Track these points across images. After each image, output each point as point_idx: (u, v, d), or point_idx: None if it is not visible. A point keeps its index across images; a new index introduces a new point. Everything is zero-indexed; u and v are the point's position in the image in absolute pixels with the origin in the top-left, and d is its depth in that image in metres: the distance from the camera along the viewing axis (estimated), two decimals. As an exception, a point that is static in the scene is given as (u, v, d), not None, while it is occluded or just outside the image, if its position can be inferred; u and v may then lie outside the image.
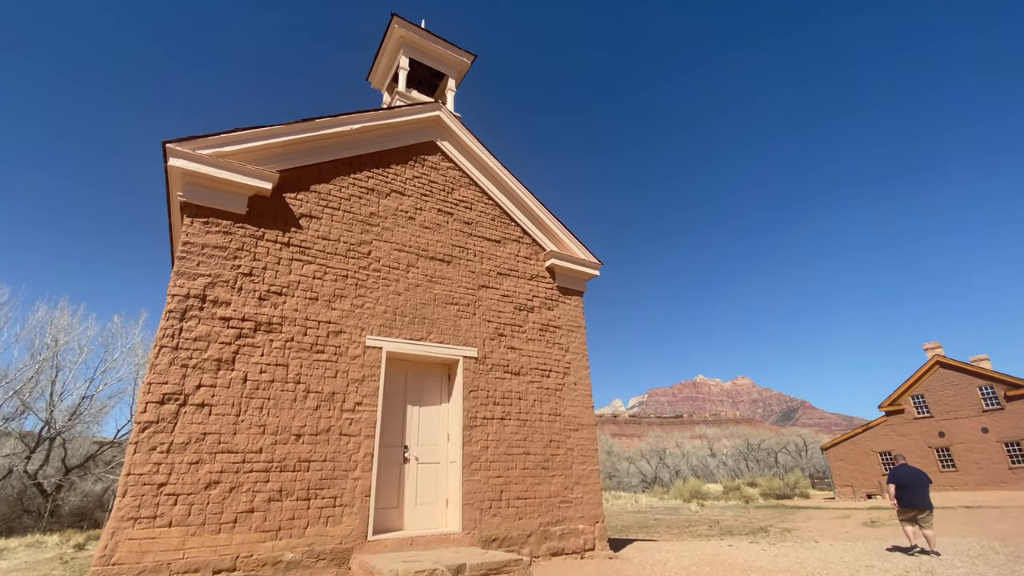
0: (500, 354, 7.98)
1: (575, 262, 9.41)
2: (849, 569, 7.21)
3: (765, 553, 8.69)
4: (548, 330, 8.75)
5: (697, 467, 60.87)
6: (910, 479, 9.13)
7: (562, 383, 8.52)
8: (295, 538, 5.48)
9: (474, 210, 8.75)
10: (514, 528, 7.07)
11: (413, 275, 7.56)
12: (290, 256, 6.64)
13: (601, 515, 8.13)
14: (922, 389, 31.20)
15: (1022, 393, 27.26)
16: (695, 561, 7.83)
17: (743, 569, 7.29)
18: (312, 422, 6.04)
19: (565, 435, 8.18)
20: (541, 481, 7.61)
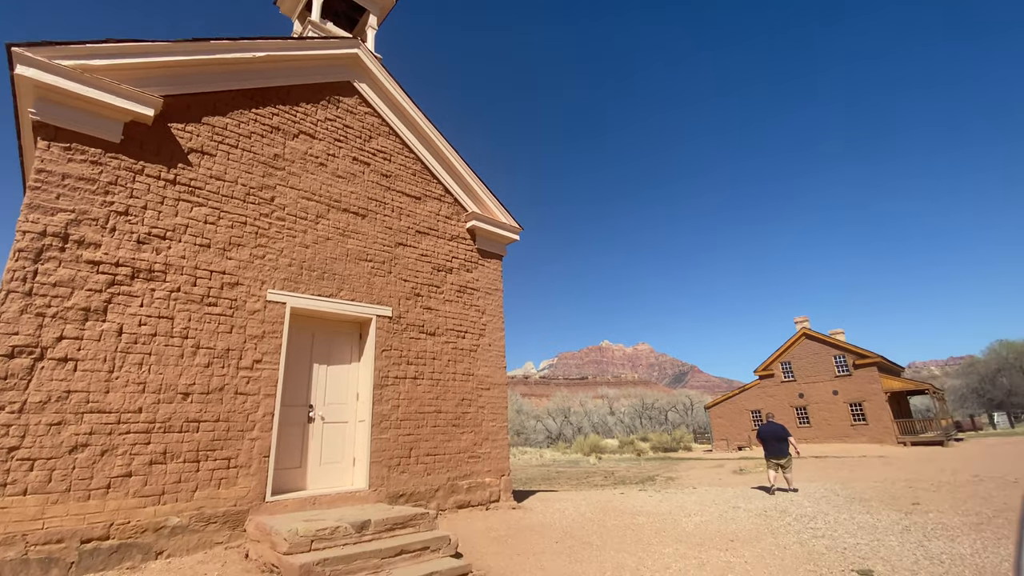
0: (416, 314, 7.82)
1: (497, 225, 9.36)
2: (720, 509, 8.22)
3: (651, 499, 9.65)
4: (466, 292, 8.70)
5: (598, 424, 65.64)
6: (774, 434, 10.82)
7: (477, 344, 8.59)
8: (182, 502, 5.10)
9: (393, 162, 8.30)
10: (422, 484, 7.15)
11: (323, 227, 7.07)
12: (176, 196, 5.88)
13: (507, 469, 8.47)
14: (790, 357, 35.78)
15: (866, 362, 32.27)
16: (591, 508, 8.50)
17: (632, 513, 8.04)
18: (203, 380, 5.55)
19: (477, 394, 8.32)
20: (451, 438, 7.73)
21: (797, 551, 5.52)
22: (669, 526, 7.00)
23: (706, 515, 7.76)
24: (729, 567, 5.01)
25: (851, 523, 6.84)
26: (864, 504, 8.36)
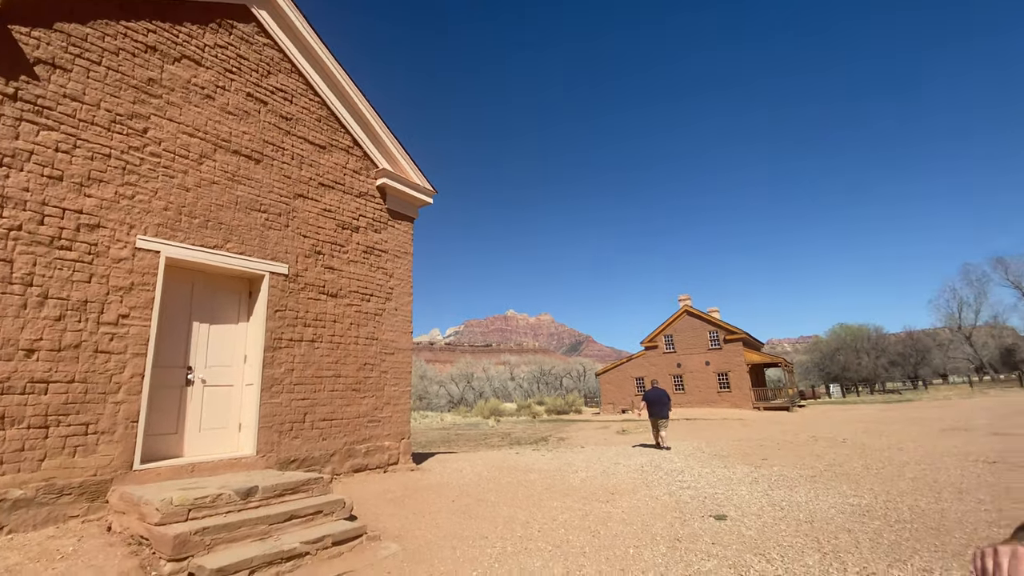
0: (316, 273, 7.37)
1: (409, 186, 9.01)
2: (603, 466, 8.99)
3: (543, 458, 10.27)
4: (373, 253, 8.35)
5: (499, 389, 67.85)
6: (656, 397, 12.19)
7: (383, 308, 8.34)
8: (26, 472, 4.44)
9: (295, 104, 7.57)
10: (317, 448, 6.92)
11: (209, 169, 6.31)
12: (17, 114, 4.87)
13: (407, 432, 8.48)
14: (672, 331, 39.46)
15: (734, 338, 36.59)
16: (487, 467, 8.84)
17: (525, 471, 8.51)
18: (53, 335, 4.79)
19: (381, 358, 8.14)
20: (351, 402, 7.52)
21: (667, 501, 6.24)
22: (558, 482, 7.52)
23: (591, 471, 8.45)
24: (609, 516, 5.53)
25: (712, 476, 7.85)
26: (723, 460, 9.63)
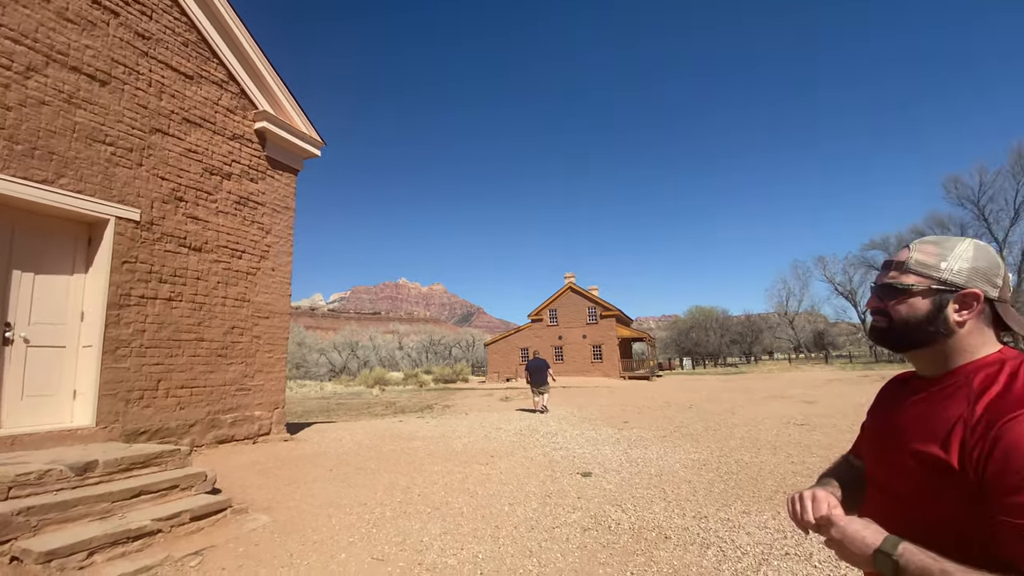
0: (177, 223, 6.49)
1: (294, 133, 8.24)
2: (485, 431, 9.36)
3: (427, 425, 10.39)
4: (248, 205, 7.56)
5: (385, 358, 66.36)
6: (536, 367, 13.28)
7: (257, 267, 7.64)
8: None
9: (157, 21, 6.44)
10: (173, 419, 6.24)
11: (37, 86, 5.17)
12: None
13: (281, 401, 8.00)
14: (556, 305, 41.71)
15: (609, 314, 39.77)
16: (368, 435, 8.72)
17: (408, 438, 8.55)
18: None
19: (253, 322, 7.49)
20: (216, 369, 6.86)
21: (541, 461, 6.72)
22: (441, 448, 7.69)
23: (473, 437, 8.76)
24: (487, 478, 5.82)
25: (581, 438, 8.60)
26: (592, 423, 10.57)
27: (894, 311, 0.93)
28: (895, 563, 0.76)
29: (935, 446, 0.83)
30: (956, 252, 0.90)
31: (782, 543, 3.63)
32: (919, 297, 0.91)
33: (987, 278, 0.88)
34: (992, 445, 0.74)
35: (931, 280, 0.90)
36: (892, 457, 0.93)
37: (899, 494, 0.89)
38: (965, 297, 0.88)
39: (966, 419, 0.80)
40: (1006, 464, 0.72)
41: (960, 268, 0.89)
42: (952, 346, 0.89)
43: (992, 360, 0.86)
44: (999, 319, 0.89)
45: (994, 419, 0.76)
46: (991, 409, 0.78)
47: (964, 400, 0.83)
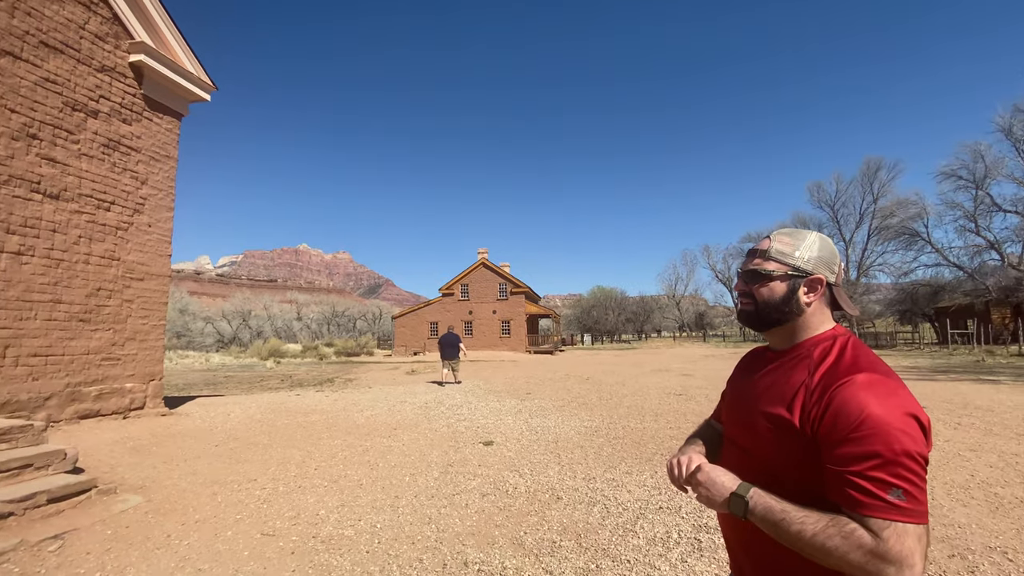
0: (28, 164, 5.50)
1: (178, 72, 7.28)
2: (389, 404, 9.26)
3: (327, 399, 10.03)
4: (119, 150, 6.59)
5: (281, 329, 62.23)
6: (448, 341, 13.47)
7: (130, 222, 6.75)
8: None
9: (-8, -85, 5.28)
10: (24, 391, 5.41)
11: None
12: None
13: (158, 373, 7.26)
14: (468, 280, 41.79)
15: (519, 291, 40.71)
16: (261, 410, 8.23)
17: (305, 412, 8.20)
18: None
19: (124, 284, 6.65)
20: (78, 336, 6.02)
21: (445, 432, 6.83)
22: (341, 421, 7.49)
23: (377, 410, 8.63)
24: (389, 450, 5.81)
25: (486, 409, 8.84)
26: (496, 395, 10.89)
27: (758, 293, 1.06)
28: (746, 503, 0.90)
29: (782, 408, 0.96)
30: (806, 243, 1.05)
31: (657, 499, 4.09)
32: (778, 281, 1.04)
33: (828, 266, 1.04)
34: (825, 407, 0.88)
35: (787, 267, 1.04)
36: (747, 418, 1.06)
37: (751, 450, 1.03)
38: (812, 282, 1.03)
39: (807, 385, 0.94)
40: (835, 422, 0.86)
41: (809, 257, 1.04)
42: (800, 324, 1.05)
43: (828, 336, 1.02)
44: (834, 301, 1.07)
45: (827, 385, 0.91)
46: (825, 377, 0.92)
47: (806, 369, 0.97)
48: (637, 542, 3.26)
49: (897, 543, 0.78)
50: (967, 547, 3.07)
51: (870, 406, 0.84)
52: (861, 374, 0.89)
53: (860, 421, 0.83)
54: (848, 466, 0.83)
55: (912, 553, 0.78)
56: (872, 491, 0.81)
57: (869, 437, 0.82)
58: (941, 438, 5.93)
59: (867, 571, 0.79)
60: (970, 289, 30.34)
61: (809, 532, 0.83)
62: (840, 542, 0.80)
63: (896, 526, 0.79)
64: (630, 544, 3.23)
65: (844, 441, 0.84)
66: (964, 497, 3.96)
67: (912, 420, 0.84)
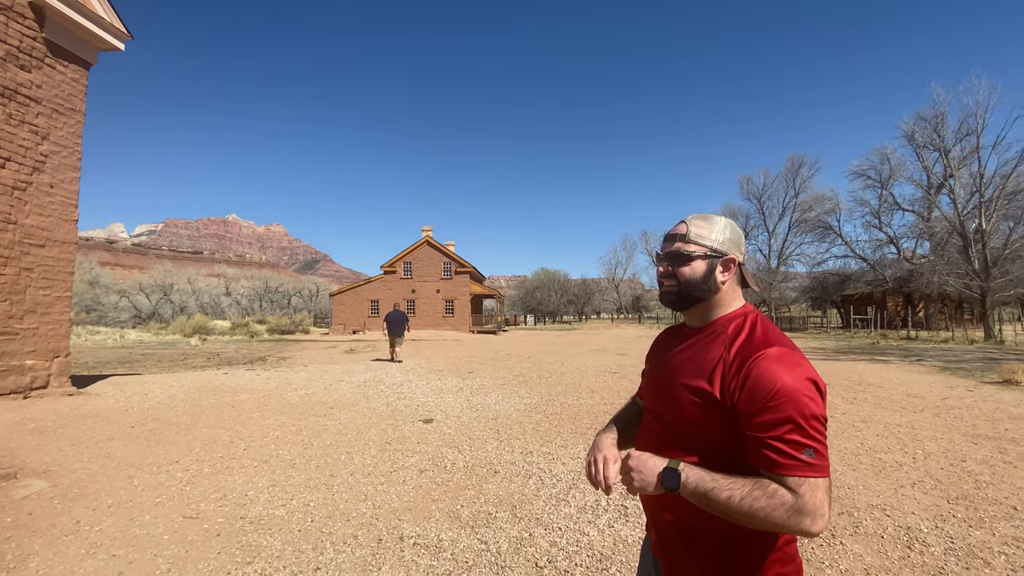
0: None
1: (87, 16, 6.50)
2: (325, 383, 9.01)
3: (258, 377, 9.59)
4: (15, 99, 5.84)
5: (208, 305, 58.36)
6: (395, 319, 13.83)
7: (28, 181, 6.03)
8: None
9: None
10: None
11: None
12: None
13: (64, 349, 6.64)
14: (412, 258, 40.99)
15: (463, 271, 40.48)
16: (184, 389, 7.75)
17: (234, 391, 7.82)
18: None
19: (21, 251, 5.97)
20: (-41, 307, 5.36)
21: (383, 410, 6.76)
22: (273, 401, 7.22)
23: (312, 389, 8.38)
24: (325, 429, 5.68)
25: (427, 388, 8.82)
26: (438, 374, 10.88)
27: (680, 273, 1.12)
28: (679, 475, 0.96)
29: (702, 380, 1.02)
30: (719, 227, 1.14)
31: (589, 470, 4.30)
32: (698, 261, 1.11)
33: (738, 246, 1.14)
34: (744, 379, 0.96)
35: (705, 248, 1.11)
36: (667, 391, 1.11)
37: (671, 420, 1.09)
38: (727, 261, 1.12)
39: (724, 359, 1.01)
40: (753, 393, 0.93)
41: (723, 239, 1.12)
42: (716, 301, 1.12)
43: (739, 313, 1.11)
44: (743, 279, 1.16)
45: (744, 359, 0.98)
46: (741, 351, 1.00)
47: (722, 344, 1.04)
48: (569, 511, 3.42)
49: (812, 497, 0.88)
50: (854, 506, 3.48)
51: (783, 377, 0.93)
52: (772, 348, 0.98)
53: (775, 391, 0.92)
54: (767, 432, 0.91)
55: (822, 504, 0.88)
56: (789, 452, 0.90)
57: (783, 405, 0.91)
58: (839, 411, 6.62)
59: (787, 526, 0.89)
60: (871, 279, 33.60)
61: (737, 497, 0.90)
62: (766, 502, 0.88)
63: (810, 481, 0.89)
64: (562, 513, 3.39)
65: (762, 410, 0.92)
66: (854, 462, 4.47)
67: (814, 387, 0.94)
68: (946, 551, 2.80)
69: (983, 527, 3.10)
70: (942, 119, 24.76)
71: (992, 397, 7.48)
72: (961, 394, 7.80)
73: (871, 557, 2.76)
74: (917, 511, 3.35)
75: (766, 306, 41.28)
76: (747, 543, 0.99)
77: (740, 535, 0.98)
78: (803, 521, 0.87)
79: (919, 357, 14.15)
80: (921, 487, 3.81)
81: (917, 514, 3.30)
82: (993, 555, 2.74)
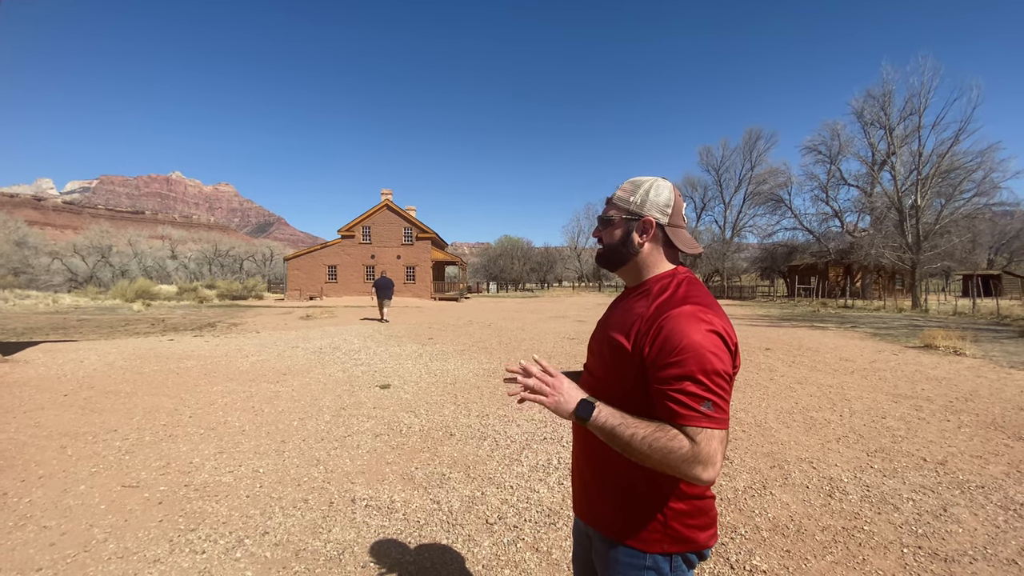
0: None
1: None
2: (279, 350, 8.77)
3: (207, 344, 9.23)
4: None
5: (152, 268, 55.22)
6: (383, 284, 16.27)
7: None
8: None
9: None
10: None
11: None
12: None
13: (-15, 314, 6.12)
14: (371, 223, 39.85)
15: (425, 236, 39.78)
16: (124, 356, 7.38)
17: (180, 358, 7.50)
18: None
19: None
20: None
21: (340, 377, 6.66)
22: (222, 367, 6.98)
23: (264, 355, 8.14)
24: (277, 395, 5.55)
25: (385, 354, 8.74)
26: (397, 340, 10.79)
27: (605, 236, 1.18)
28: (592, 407, 1.01)
29: (621, 335, 1.07)
30: (643, 189, 1.15)
31: (543, 431, 4.41)
32: (618, 224, 1.16)
33: (660, 208, 1.14)
34: (655, 335, 1.00)
35: (624, 211, 1.15)
36: (598, 346, 1.18)
37: (599, 374, 1.15)
38: (644, 224, 1.14)
39: (643, 315, 1.06)
40: (661, 348, 0.97)
41: (641, 201, 1.14)
42: (639, 263, 1.16)
43: (668, 274, 1.14)
44: (669, 241, 1.17)
45: (658, 316, 1.02)
46: (659, 308, 1.04)
47: (645, 302, 1.09)
48: (521, 470, 3.52)
49: (707, 446, 0.93)
50: (784, 459, 3.74)
51: (691, 334, 0.97)
52: (687, 305, 1.01)
53: (681, 347, 0.96)
54: (670, 385, 0.96)
55: (716, 453, 0.93)
56: (689, 404, 0.94)
57: (687, 360, 0.95)
58: (778, 374, 7.03)
59: (681, 469, 0.93)
60: (816, 251, 35.43)
61: (640, 436, 0.95)
62: (665, 443, 0.93)
63: (706, 431, 0.93)
64: (515, 472, 3.48)
65: (667, 364, 0.97)
66: (788, 420, 4.78)
67: (722, 343, 0.98)
68: (862, 499, 3.07)
69: (896, 476, 3.40)
70: (889, 98, 25.76)
71: (913, 360, 8.13)
72: (887, 358, 8.43)
73: (796, 505, 2.98)
74: (840, 463, 3.64)
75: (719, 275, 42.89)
76: (653, 484, 1.05)
77: (646, 477, 1.04)
78: (695, 468, 0.93)
79: (854, 324, 15.15)
80: (845, 442, 4.13)
81: (840, 466, 3.58)
82: (902, 501, 3.02)
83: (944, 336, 9.47)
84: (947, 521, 2.77)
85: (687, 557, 1.07)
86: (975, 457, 3.75)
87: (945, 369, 7.28)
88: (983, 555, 2.43)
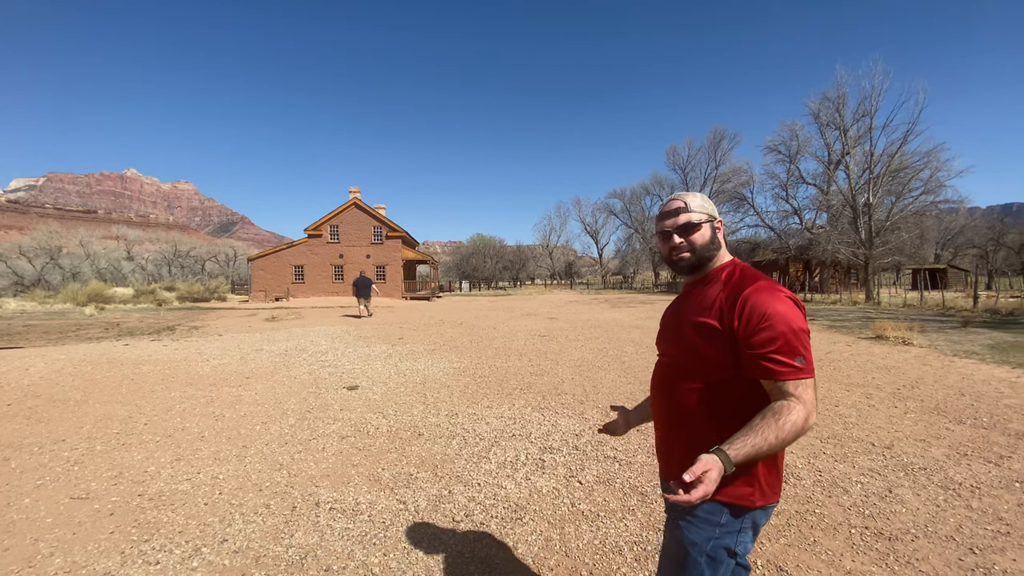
0: None
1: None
2: (242, 353, 8.51)
3: (165, 348, 8.89)
4: None
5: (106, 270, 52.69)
6: (362, 283, 17.20)
7: None
8: None
9: None
10: None
11: None
12: None
13: (-84, 321, 5.72)
14: (339, 221, 39.07)
15: (395, 235, 39.26)
16: (74, 362, 7.04)
17: (135, 364, 7.20)
18: None
19: None
20: None
21: (305, 379, 6.52)
22: (181, 372, 6.73)
23: (226, 359, 7.89)
24: (239, 400, 5.39)
25: (353, 355, 8.59)
26: (366, 340, 10.62)
27: (693, 240, 1.33)
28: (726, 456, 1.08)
29: (705, 316, 1.24)
30: (702, 198, 1.37)
31: (511, 428, 4.43)
32: (705, 226, 1.34)
33: (717, 212, 1.38)
34: (740, 309, 1.17)
35: (705, 215, 1.34)
36: (675, 333, 1.35)
37: (679, 356, 1.33)
38: (719, 223, 1.37)
39: (720, 297, 1.24)
40: (750, 318, 1.15)
41: (709, 205, 1.36)
42: (716, 257, 1.36)
43: (729, 264, 1.34)
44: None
45: (737, 293, 1.20)
46: (735, 288, 1.23)
47: (718, 286, 1.28)
48: (489, 467, 3.53)
49: (806, 394, 1.11)
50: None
51: (772, 303, 1.15)
52: (760, 282, 1.21)
53: (767, 314, 1.14)
54: (765, 347, 1.13)
55: (813, 399, 1.12)
56: (785, 361, 1.12)
57: (775, 324, 1.13)
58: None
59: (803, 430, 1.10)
60: (777, 247, 36.65)
61: (772, 440, 1.08)
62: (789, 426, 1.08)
63: (802, 382, 1.11)
64: (483, 469, 3.48)
65: (758, 330, 1.14)
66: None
67: (795, 306, 1.18)
68: (815, 483, 3.21)
69: (846, 461, 3.57)
70: (843, 100, 26.88)
71: (866, 351, 8.52)
72: (841, 348, 8.82)
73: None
74: (795, 450, 3.79)
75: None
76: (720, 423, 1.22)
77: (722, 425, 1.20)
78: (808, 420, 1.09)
79: (812, 317, 15.76)
80: (801, 430, 4.31)
81: (795, 452, 3.74)
82: (851, 484, 3.18)
83: (894, 327, 9.97)
84: (892, 502, 2.92)
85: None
86: (919, 441, 3.97)
87: (894, 359, 7.67)
88: (924, 533, 2.58)
